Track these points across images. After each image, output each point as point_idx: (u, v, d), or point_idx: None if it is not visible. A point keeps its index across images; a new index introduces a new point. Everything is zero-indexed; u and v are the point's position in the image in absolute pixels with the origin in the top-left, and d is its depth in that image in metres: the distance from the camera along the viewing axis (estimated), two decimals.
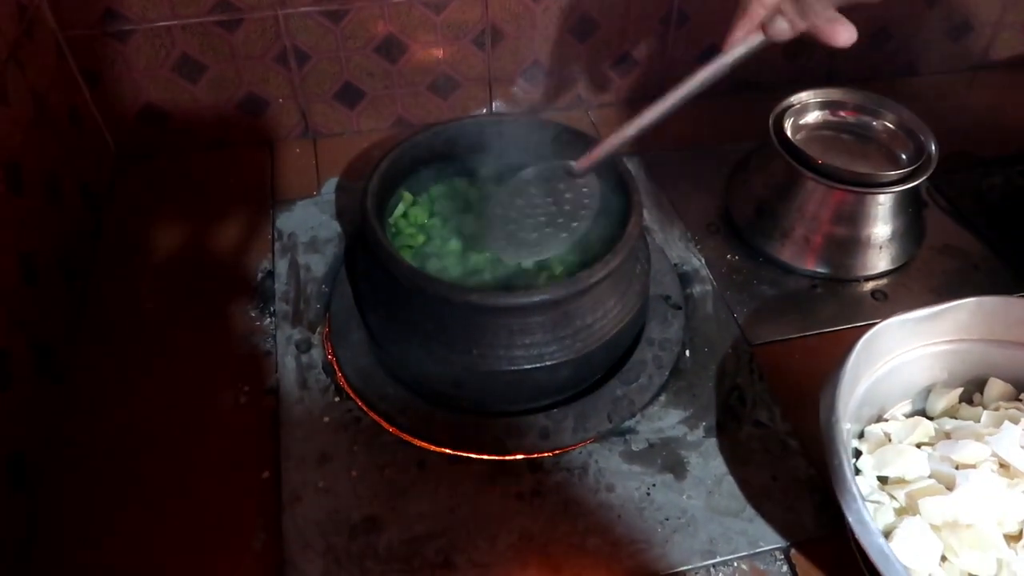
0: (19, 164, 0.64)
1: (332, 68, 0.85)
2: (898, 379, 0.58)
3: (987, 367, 0.59)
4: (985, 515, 0.48)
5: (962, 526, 0.47)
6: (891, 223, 0.73)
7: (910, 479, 0.51)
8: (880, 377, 0.57)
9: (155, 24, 0.77)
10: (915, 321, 0.56)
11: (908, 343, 0.58)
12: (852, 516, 0.45)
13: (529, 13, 0.84)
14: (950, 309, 0.57)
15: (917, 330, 0.57)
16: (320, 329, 0.68)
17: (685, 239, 0.78)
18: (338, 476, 0.58)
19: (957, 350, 0.59)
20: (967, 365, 0.60)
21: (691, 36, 0.91)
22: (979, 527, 0.47)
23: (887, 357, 0.57)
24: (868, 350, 0.54)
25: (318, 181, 0.84)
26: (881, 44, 0.98)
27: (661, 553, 0.55)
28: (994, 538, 0.47)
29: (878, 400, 0.58)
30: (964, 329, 0.59)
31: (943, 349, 0.59)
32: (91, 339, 0.68)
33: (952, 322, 0.58)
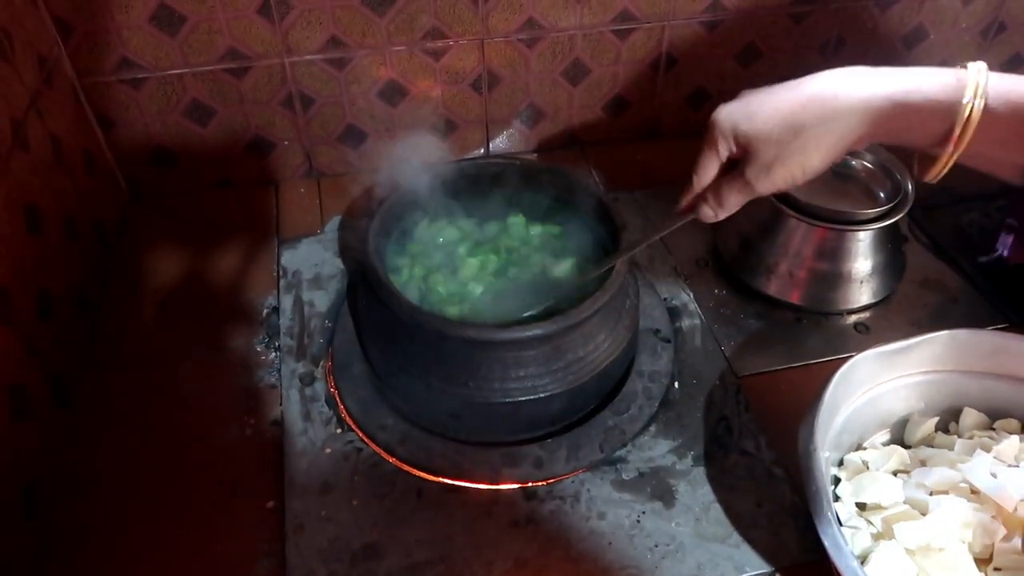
0: (37, 205, 0.67)
1: (336, 111, 0.88)
2: (876, 409, 0.61)
3: (962, 397, 0.62)
4: (956, 539, 0.50)
5: (935, 550, 0.49)
6: (871, 258, 0.76)
7: (886, 505, 0.54)
8: (859, 407, 0.59)
9: (167, 72, 0.81)
10: (890, 353, 0.59)
11: (885, 374, 0.60)
12: (828, 541, 0.47)
13: (524, 59, 0.89)
14: (924, 342, 0.60)
15: (893, 362, 0.60)
16: (323, 363, 0.71)
17: (674, 275, 0.81)
18: (340, 505, 0.60)
19: (933, 381, 0.62)
20: (943, 395, 0.62)
21: (679, 79, 0.95)
22: (951, 551, 0.49)
23: (865, 388, 0.60)
24: (846, 382, 0.57)
25: (322, 219, 0.87)
26: None
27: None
28: (965, 561, 0.49)
29: (857, 429, 0.60)
30: (938, 361, 0.61)
31: (919, 380, 0.61)
32: (102, 371, 0.71)
33: (927, 354, 0.61)
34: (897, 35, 0.97)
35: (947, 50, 1.00)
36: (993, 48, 1.02)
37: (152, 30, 0.78)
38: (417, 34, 0.84)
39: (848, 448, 0.60)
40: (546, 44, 0.88)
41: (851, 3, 0.93)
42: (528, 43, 0.87)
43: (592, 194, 0.71)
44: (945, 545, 0.50)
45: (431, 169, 0.72)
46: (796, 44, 0.95)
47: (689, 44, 0.92)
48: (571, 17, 0.86)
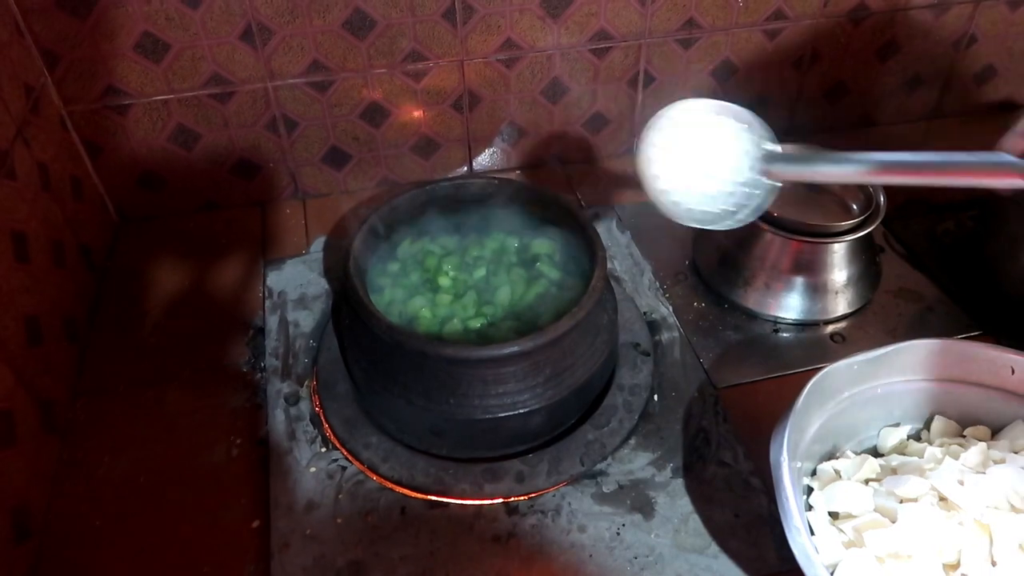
0: (24, 233, 0.68)
1: (319, 133, 0.90)
2: (849, 418, 0.62)
3: (933, 405, 0.63)
4: (924, 546, 0.51)
5: (903, 557, 0.51)
6: (846, 269, 0.78)
7: (856, 513, 0.55)
8: (832, 417, 0.60)
9: (153, 98, 0.83)
10: (862, 364, 0.60)
11: (857, 384, 0.61)
12: (796, 549, 0.48)
13: (503, 79, 0.90)
14: (894, 352, 0.61)
15: (865, 372, 0.61)
16: (308, 382, 0.72)
17: (654, 288, 0.82)
18: (324, 523, 0.61)
19: (905, 390, 0.63)
20: (915, 404, 0.63)
21: (659, 95, 0.97)
22: (919, 558, 0.51)
23: (838, 397, 0.61)
24: (818, 392, 0.58)
25: (307, 240, 0.89)
26: (839, 97, 1.03)
27: None
28: (933, 568, 0.50)
29: (830, 438, 0.61)
30: (910, 370, 0.62)
31: (891, 390, 0.63)
32: (91, 394, 0.72)
33: (898, 364, 0.62)
34: (871, 49, 0.99)
35: (920, 63, 1.02)
36: (965, 60, 1.04)
37: (137, 57, 0.79)
38: (397, 57, 0.85)
39: (821, 458, 0.61)
40: (525, 64, 0.90)
41: (824, 19, 0.95)
42: (507, 63, 0.89)
43: (570, 211, 0.72)
44: (914, 552, 0.51)
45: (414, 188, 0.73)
46: (771, 59, 0.97)
47: (666, 61, 0.94)
48: (548, 37, 0.88)
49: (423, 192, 0.74)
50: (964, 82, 1.06)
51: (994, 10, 0.99)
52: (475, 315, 0.69)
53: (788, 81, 1.00)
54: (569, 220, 0.72)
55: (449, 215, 0.76)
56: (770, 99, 1.01)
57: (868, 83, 1.03)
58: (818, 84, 1.01)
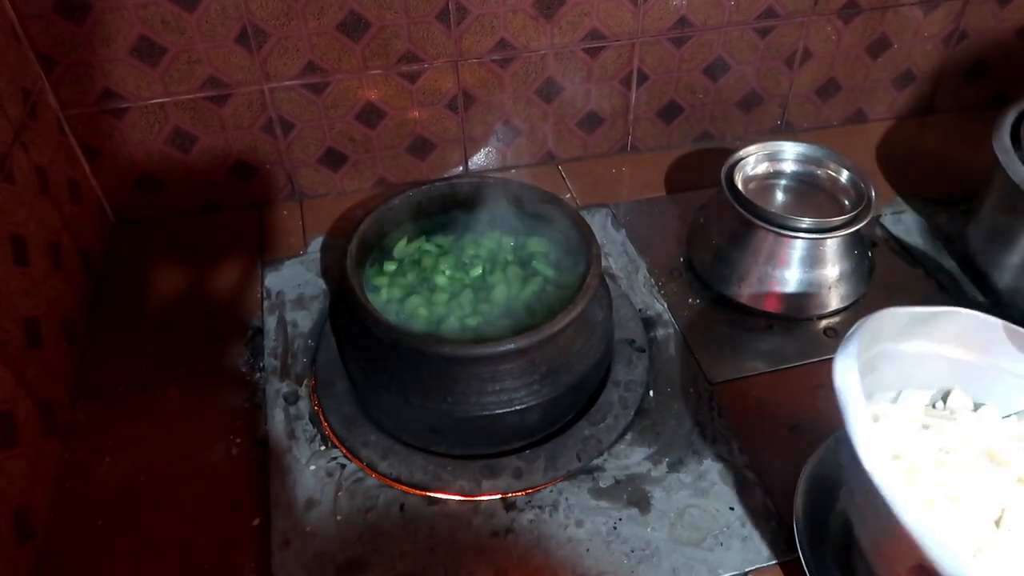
0: (23, 237, 0.69)
1: (316, 135, 0.90)
2: (874, 373, 0.59)
3: (952, 378, 0.62)
4: (971, 495, 0.52)
5: (952, 500, 0.51)
6: (839, 265, 0.79)
7: (904, 455, 0.55)
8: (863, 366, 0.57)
9: (149, 101, 0.83)
10: (911, 316, 0.58)
11: (894, 339, 0.59)
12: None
13: (498, 78, 0.91)
14: (942, 314, 0.59)
15: (908, 327, 0.59)
16: (307, 381, 0.73)
17: (649, 285, 0.83)
18: (324, 520, 0.62)
19: (934, 355, 0.61)
20: (936, 373, 0.62)
21: (651, 93, 0.98)
22: (966, 505, 0.51)
23: (873, 349, 0.58)
24: (868, 332, 0.55)
25: (304, 240, 0.89)
26: (830, 94, 1.04)
27: None
28: (979, 518, 0.51)
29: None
30: (943, 337, 0.60)
31: (921, 352, 0.61)
32: (91, 396, 0.72)
33: (937, 328, 0.60)
34: (861, 45, 1.00)
35: (910, 59, 1.03)
36: (956, 56, 1.04)
37: (133, 61, 0.80)
38: (392, 58, 0.86)
39: None
40: (519, 64, 0.90)
41: (815, 16, 0.96)
42: (501, 63, 0.90)
43: (566, 209, 0.73)
44: (960, 497, 0.51)
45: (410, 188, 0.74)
46: (763, 57, 0.98)
47: (659, 60, 0.95)
48: (542, 37, 0.89)
49: (419, 192, 0.75)
50: (955, 78, 1.07)
51: (984, 6, 1.00)
52: (471, 313, 0.69)
53: (780, 78, 1.01)
54: (564, 218, 0.73)
55: (445, 215, 0.77)
56: (762, 96, 1.02)
57: (859, 80, 1.04)
58: (810, 81, 1.02)
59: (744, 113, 1.03)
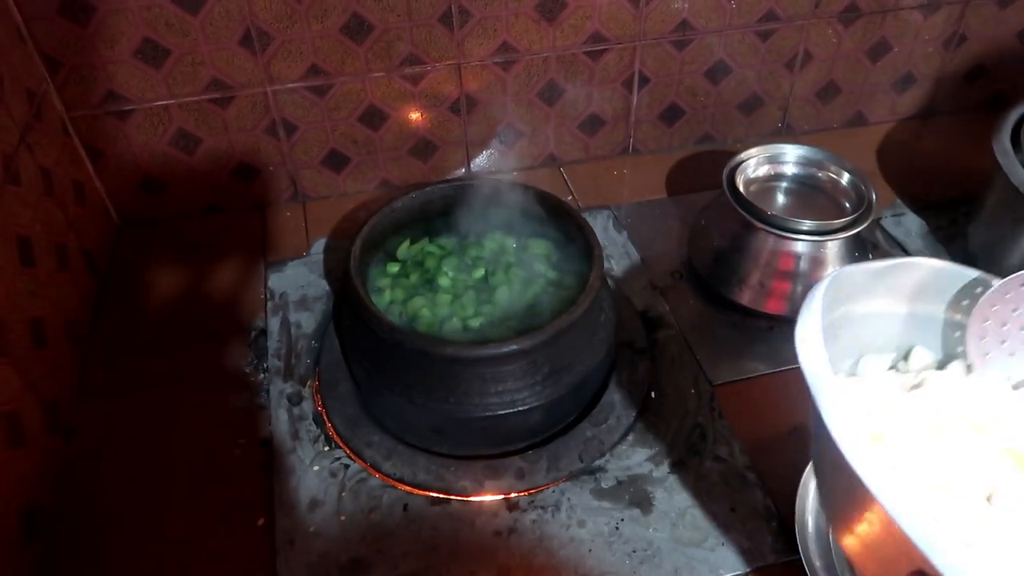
0: (29, 238, 0.69)
1: (319, 137, 0.91)
2: (834, 341, 0.53)
3: (913, 335, 0.59)
4: (961, 475, 0.49)
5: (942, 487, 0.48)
6: (840, 266, 0.79)
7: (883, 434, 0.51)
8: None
9: (154, 103, 0.83)
10: (868, 273, 0.54)
11: (852, 300, 0.55)
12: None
13: (500, 81, 0.91)
14: (900, 266, 0.55)
15: (866, 285, 0.55)
16: (310, 382, 0.73)
17: (651, 287, 0.83)
18: (328, 521, 0.62)
19: (891, 314, 0.58)
20: (897, 332, 0.58)
21: (653, 96, 0.98)
22: (956, 487, 0.48)
23: (832, 313, 0.54)
24: (830, 294, 0.51)
25: (307, 242, 0.90)
26: (831, 97, 1.05)
27: None
28: (971, 500, 0.48)
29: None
30: (902, 291, 0.57)
31: (880, 311, 0.57)
32: (96, 396, 0.73)
33: (896, 282, 0.56)
34: (862, 48, 1.01)
35: (910, 62, 1.04)
36: (956, 59, 1.05)
37: (137, 63, 0.80)
38: (395, 61, 0.86)
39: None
40: (521, 67, 0.91)
41: (815, 20, 0.96)
42: (503, 66, 0.90)
43: (568, 211, 0.73)
44: (951, 481, 0.48)
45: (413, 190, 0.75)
46: (764, 60, 0.98)
47: (660, 63, 0.95)
48: (544, 40, 0.89)
49: (422, 194, 0.75)
50: (955, 81, 1.08)
51: (984, 9, 1.00)
52: (474, 315, 0.70)
53: (781, 81, 1.01)
54: (566, 220, 0.73)
55: (448, 216, 0.77)
56: (763, 99, 1.02)
57: (859, 82, 1.04)
58: (810, 84, 1.03)
59: (745, 116, 1.03)
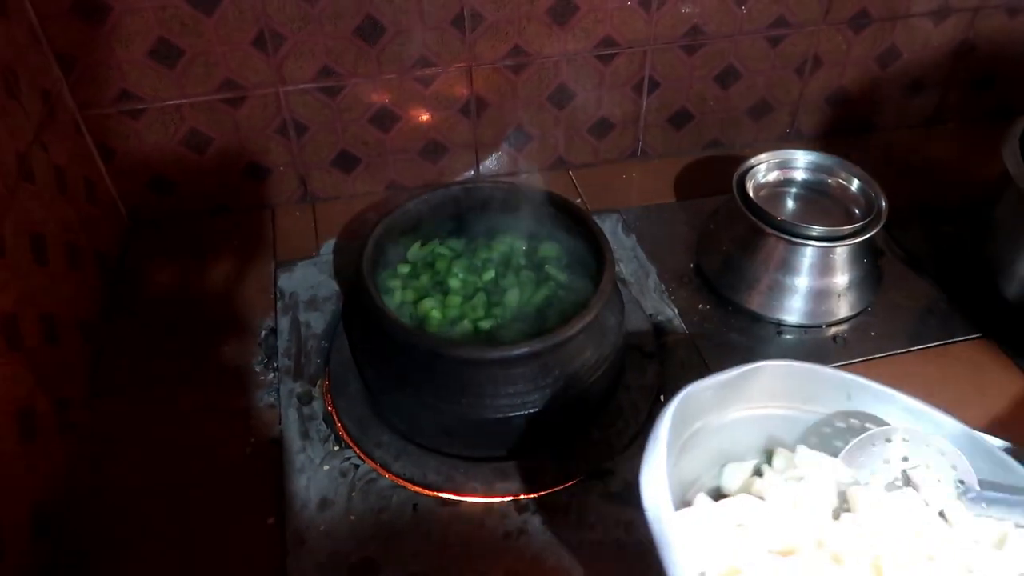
0: (43, 235, 0.70)
1: (329, 138, 0.91)
2: (691, 457, 0.53)
3: (772, 435, 0.58)
4: None
5: None
6: (848, 273, 0.79)
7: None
8: (678, 454, 0.51)
9: (166, 103, 0.84)
10: (716, 386, 0.52)
11: (705, 414, 0.53)
12: None
13: (511, 84, 0.92)
14: (749, 373, 0.54)
15: (718, 397, 0.53)
16: (320, 382, 0.73)
17: (659, 291, 0.84)
18: (338, 520, 0.62)
19: (748, 418, 0.56)
20: (756, 434, 0.57)
21: (662, 100, 0.98)
22: None
23: (687, 431, 0.52)
24: (679, 419, 0.48)
25: (317, 243, 0.90)
26: (840, 103, 1.05)
27: None
28: None
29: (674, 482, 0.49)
30: (756, 395, 0.56)
31: (736, 418, 0.56)
32: (107, 394, 0.73)
33: (747, 389, 0.55)
34: (871, 55, 1.01)
35: (920, 69, 1.04)
36: (965, 67, 1.05)
37: (151, 63, 0.81)
38: (407, 63, 0.87)
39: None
40: (532, 70, 0.91)
41: (825, 26, 0.96)
42: (514, 69, 0.90)
43: (578, 214, 0.74)
44: None
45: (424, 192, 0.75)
46: (773, 66, 0.98)
47: (670, 67, 0.95)
48: (555, 44, 0.89)
49: (434, 196, 0.75)
50: (963, 88, 1.08)
51: (993, 18, 1.01)
52: (484, 316, 0.70)
53: (790, 86, 1.01)
54: (577, 224, 0.73)
55: (458, 218, 0.77)
56: (772, 104, 1.03)
57: (869, 89, 1.04)
58: (819, 89, 1.03)
59: (754, 121, 1.04)
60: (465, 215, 0.77)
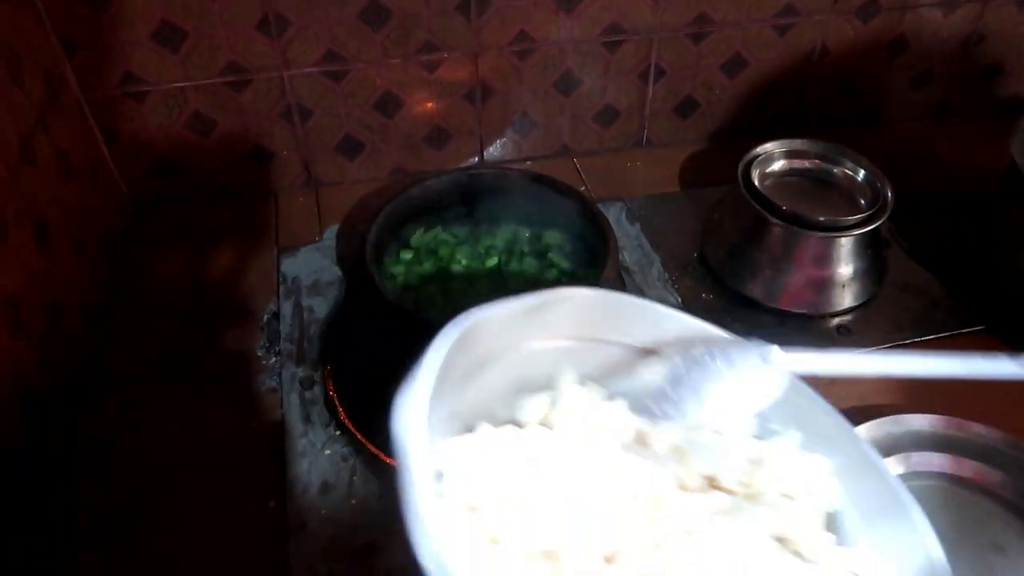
0: (45, 218, 0.70)
1: (333, 123, 0.91)
2: (486, 387, 0.48)
3: (574, 367, 0.51)
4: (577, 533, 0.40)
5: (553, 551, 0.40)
6: (853, 263, 0.79)
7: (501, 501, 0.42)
8: (466, 382, 0.47)
9: (170, 85, 0.83)
10: (514, 313, 0.46)
11: (499, 340, 0.48)
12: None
13: (516, 71, 0.91)
14: (550, 301, 0.47)
15: (516, 324, 0.48)
16: (322, 367, 0.73)
17: (663, 279, 0.83)
18: (339, 504, 0.63)
19: (547, 350, 0.50)
20: (555, 367, 0.50)
21: (668, 89, 0.98)
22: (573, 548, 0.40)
23: (473, 358, 0.46)
24: (461, 348, 0.43)
25: (320, 228, 0.90)
26: (847, 93, 1.04)
27: None
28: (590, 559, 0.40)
29: (460, 416, 0.47)
30: (559, 325, 0.50)
31: (533, 349, 0.50)
32: (110, 377, 0.73)
33: (549, 318, 0.49)
34: (880, 45, 1.00)
35: (928, 60, 1.03)
36: (973, 58, 1.04)
37: (154, 46, 0.80)
38: (412, 48, 0.86)
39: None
40: (537, 56, 0.90)
41: (834, 15, 0.95)
42: (520, 55, 0.90)
43: (582, 202, 0.73)
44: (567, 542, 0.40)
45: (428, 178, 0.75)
46: (781, 55, 0.98)
47: (677, 55, 0.95)
48: (561, 30, 0.89)
49: (437, 182, 0.75)
50: (972, 80, 1.07)
51: (1003, 9, 1.00)
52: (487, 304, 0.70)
53: (799, 76, 1.01)
54: (581, 211, 0.73)
55: (462, 205, 0.77)
56: (779, 92, 1.02)
57: (876, 79, 1.04)
58: (827, 79, 1.02)
59: (759, 110, 1.03)
60: (469, 201, 0.77)
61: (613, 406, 0.49)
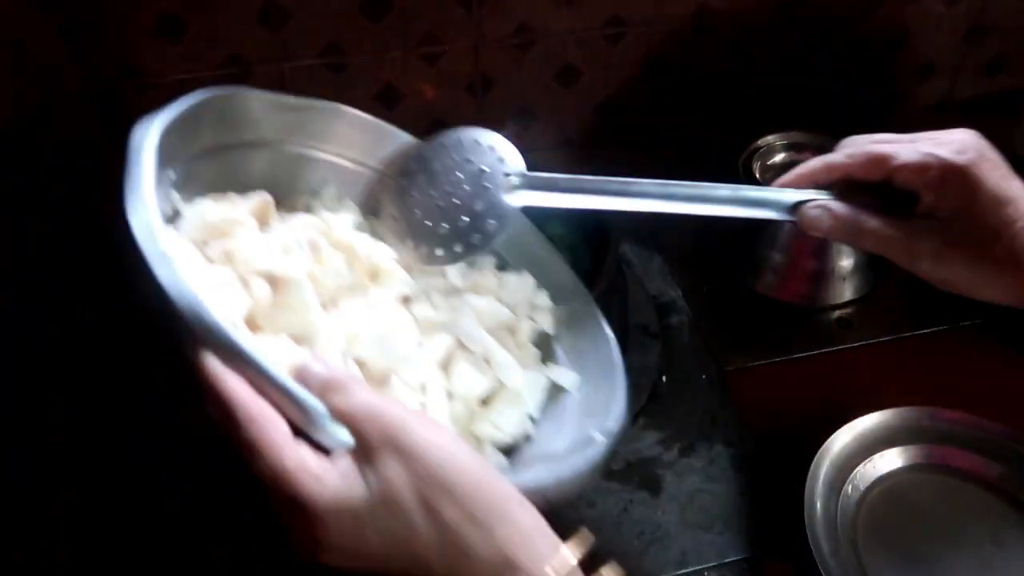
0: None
1: None
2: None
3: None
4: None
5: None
6: (854, 256, 0.79)
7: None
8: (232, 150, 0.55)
9: (170, 78, 0.83)
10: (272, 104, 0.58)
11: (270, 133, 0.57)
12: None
13: (517, 63, 0.91)
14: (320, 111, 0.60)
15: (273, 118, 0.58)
16: None
17: (663, 271, 0.84)
18: None
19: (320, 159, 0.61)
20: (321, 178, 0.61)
21: (670, 81, 0.98)
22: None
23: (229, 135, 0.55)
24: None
25: None
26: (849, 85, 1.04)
27: (637, 565, 0.59)
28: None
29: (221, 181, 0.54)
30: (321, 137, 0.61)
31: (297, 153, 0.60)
32: None
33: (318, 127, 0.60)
34: (882, 38, 1.00)
35: (931, 52, 1.03)
36: (975, 51, 1.04)
37: (155, 38, 0.80)
38: (412, 40, 0.86)
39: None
40: (539, 48, 0.90)
41: (836, 7, 0.95)
42: (521, 47, 0.90)
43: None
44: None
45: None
46: (784, 46, 0.97)
47: (679, 47, 0.94)
48: (562, 21, 0.88)
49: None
50: (975, 72, 1.06)
51: (1007, 1, 0.99)
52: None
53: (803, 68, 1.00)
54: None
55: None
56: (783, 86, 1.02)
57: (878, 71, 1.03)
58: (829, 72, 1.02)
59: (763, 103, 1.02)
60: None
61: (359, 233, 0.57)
